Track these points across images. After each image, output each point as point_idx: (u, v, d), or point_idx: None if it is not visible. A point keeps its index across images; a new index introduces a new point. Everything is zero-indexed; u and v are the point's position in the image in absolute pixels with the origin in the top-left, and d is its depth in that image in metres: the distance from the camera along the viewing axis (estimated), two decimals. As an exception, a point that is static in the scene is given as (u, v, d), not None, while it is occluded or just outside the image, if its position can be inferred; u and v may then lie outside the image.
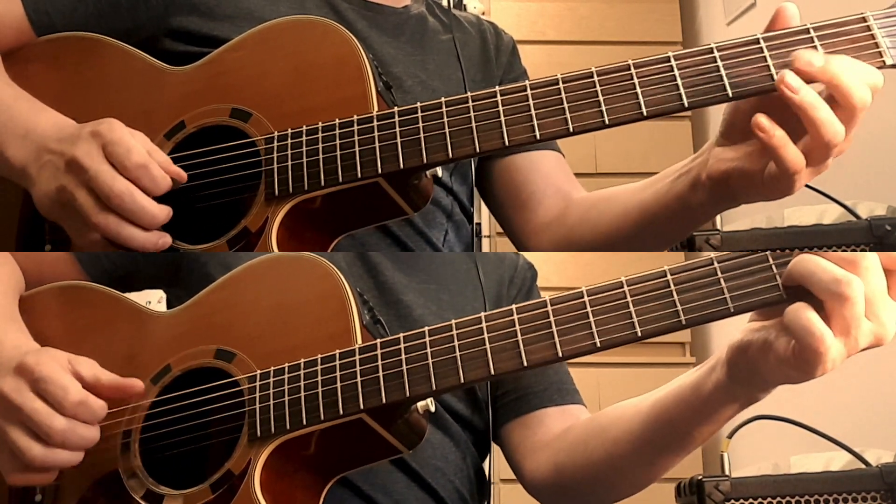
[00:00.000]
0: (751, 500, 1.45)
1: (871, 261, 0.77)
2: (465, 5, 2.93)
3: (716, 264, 0.83)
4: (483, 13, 3.04)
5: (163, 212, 0.93)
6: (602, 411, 1.08)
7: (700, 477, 1.48)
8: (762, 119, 0.84)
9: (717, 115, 0.96)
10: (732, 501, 1.46)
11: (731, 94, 0.88)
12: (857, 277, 0.76)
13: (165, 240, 0.94)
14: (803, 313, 0.77)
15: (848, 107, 0.83)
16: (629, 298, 0.85)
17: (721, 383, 0.87)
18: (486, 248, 2.86)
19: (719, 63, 0.89)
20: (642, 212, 1.04)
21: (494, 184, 1.26)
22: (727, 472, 1.55)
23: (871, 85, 0.84)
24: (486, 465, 1.17)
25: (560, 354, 0.85)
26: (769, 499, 1.45)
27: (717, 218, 1.66)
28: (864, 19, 0.88)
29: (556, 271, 2.75)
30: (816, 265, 0.77)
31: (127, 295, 1.08)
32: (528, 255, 1.32)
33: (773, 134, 0.84)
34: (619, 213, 1.08)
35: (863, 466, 1.48)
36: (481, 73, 1.26)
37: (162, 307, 1.12)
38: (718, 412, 0.89)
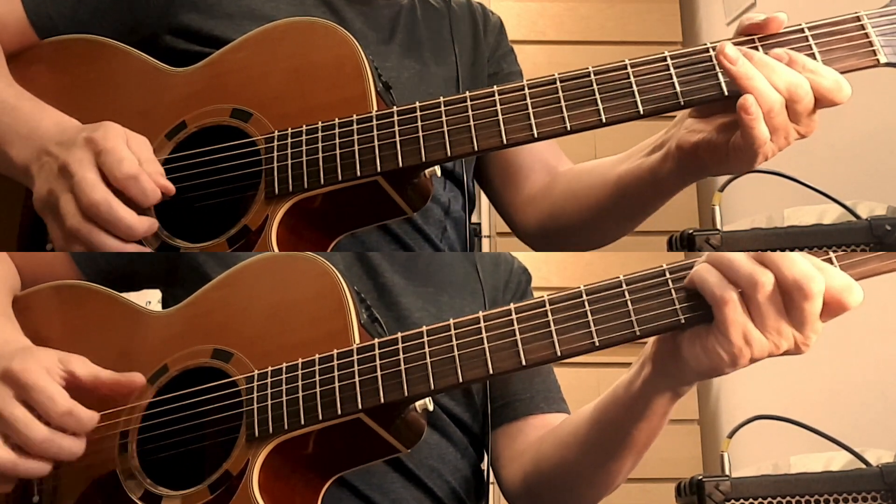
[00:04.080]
0: (751, 500, 1.45)
1: (819, 286, 0.79)
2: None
3: None
4: (483, 13, 3.04)
5: (142, 224, 0.91)
6: (565, 419, 1.10)
7: (700, 477, 1.48)
8: (750, 101, 0.87)
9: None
10: (732, 501, 1.45)
11: (726, 93, 0.89)
12: (767, 270, 0.79)
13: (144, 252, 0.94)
14: (713, 281, 0.81)
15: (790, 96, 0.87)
16: (628, 297, 0.85)
17: (648, 377, 0.90)
18: (486, 248, 2.86)
19: (715, 62, 0.90)
20: (618, 184, 1.08)
21: (484, 160, 1.28)
22: (727, 472, 1.54)
23: (788, 83, 0.87)
24: (483, 465, 1.17)
25: (558, 354, 0.85)
26: (769, 499, 1.44)
27: (718, 218, 1.66)
28: (858, 18, 0.90)
29: (556, 271, 2.74)
30: (737, 256, 0.81)
31: (124, 295, 1.08)
32: (528, 256, 1.32)
33: (755, 116, 0.87)
34: (598, 185, 1.12)
35: (863, 466, 1.48)
36: (472, 55, 1.27)
37: (160, 307, 1.12)
38: (650, 407, 0.92)
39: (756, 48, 0.90)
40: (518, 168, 1.25)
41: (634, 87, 0.91)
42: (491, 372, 0.87)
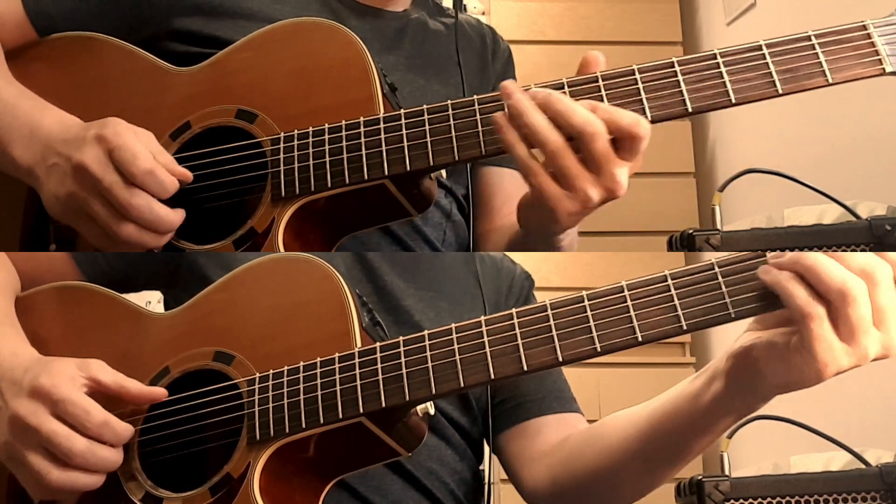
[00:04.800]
0: (751, 500, 1.45)
1: (886, 273, 0.76)
2: (465, 6, 2.93)
3: (717, 269, 0.83)
4: (483, 13, 3.04)
5: (178, 216, 0.93)
6: (599, 422, 1.08)
7: (700, 477, 1.48)
8: (498, 116, 0.87)
9: (716, 116, 0.95)
10: (732, 501, 1.45)
11: (734, 100, 0.89)
12: (861, 280, 0.75)
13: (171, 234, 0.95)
14: (800, 295, 0.76)
15: (576, 135, 0.84)
16: (630, 303, 0.84)
17: (720, 394, 0.86)
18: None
19: (723, 69, 0.90)
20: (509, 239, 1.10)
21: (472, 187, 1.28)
22: (727, 472, 1.54)
23: (608, 118, 0.84)
24: (484, 466, 1.17)
25: (560, 359, 0.85)
26: (769, 499, 1.44)
27: (718, 218, 1.66)
28: (864, 27, 0.90)
29: (556, 271, 2.75)
30: (827, 263, 0.76)
31: (125, 296, 1.08)
32: (528, 256, 1.32)
33: (506, 131, 0.86)
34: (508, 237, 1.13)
35: (863, 466, 1.48)
36: (478, 78, 1.27)
37: (161, 308, 1.12)
38: (717, 423, 0.89)
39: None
40: (492, 207, 1.25)
41: (643, 94, 0.90)
42: (492, 377, 0.86)
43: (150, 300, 1.33)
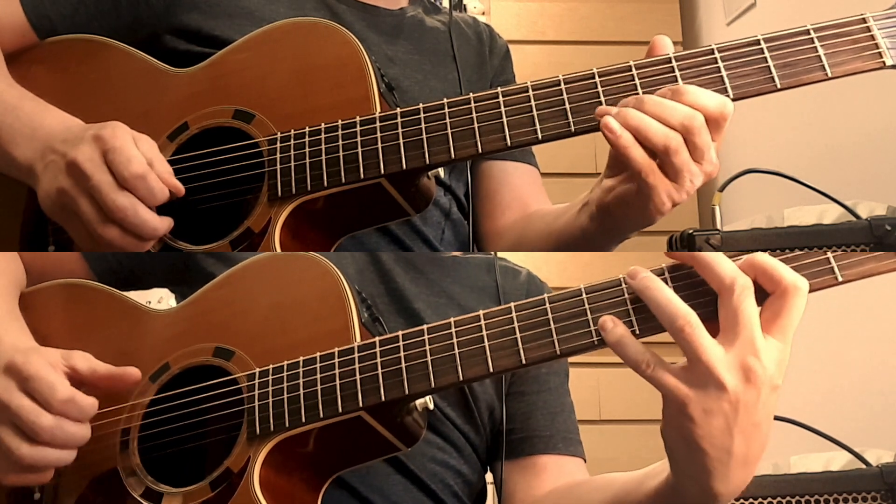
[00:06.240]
0: (751, 500, 1.45)
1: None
2: (464, 5, 2.93)
3: None
4: (483, 13, 3.04)
5: (164, 224, 0.92)
6: (587, 480, 1.10)
7: (700, 476, 1.47)
8: (609, 120, 0.86)
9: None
10: (732, 501, 1.45)
11: (732, 96, 0.89)
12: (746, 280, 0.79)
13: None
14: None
15: (682, 129, 0.86)
16: (627, 296, 0.85)
17: (670, 478, 0.86)
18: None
19: (720, 64, 0.90)
20: (557, 238, 1.09)
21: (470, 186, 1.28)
22: (727, 472, 1.54)
23: (696, 105, 0.86)
24: (487, 476, 1.17)
25: (558, 352, 0.85)
26: (769, 499, 1.44)
27: (718, 218, 1.67)
28: (863, 20, 0.89)
29: (556, 271, 2.75)
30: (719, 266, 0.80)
31: (134, 293, 1.08)
32: (528, 257, 1.32)
33: (620, 135, 0.86)
34: (542, 237, 1.13)
35: (863, 466, 1.48)
36: (476, 73, 1.27)
37: (164, 307, 1.12)
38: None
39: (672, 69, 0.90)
40: (497, 203, 1.25)
41: (639, 90, 0.90)
42: (491, 370, 0.87)
43: (151, 300, 1.34)
